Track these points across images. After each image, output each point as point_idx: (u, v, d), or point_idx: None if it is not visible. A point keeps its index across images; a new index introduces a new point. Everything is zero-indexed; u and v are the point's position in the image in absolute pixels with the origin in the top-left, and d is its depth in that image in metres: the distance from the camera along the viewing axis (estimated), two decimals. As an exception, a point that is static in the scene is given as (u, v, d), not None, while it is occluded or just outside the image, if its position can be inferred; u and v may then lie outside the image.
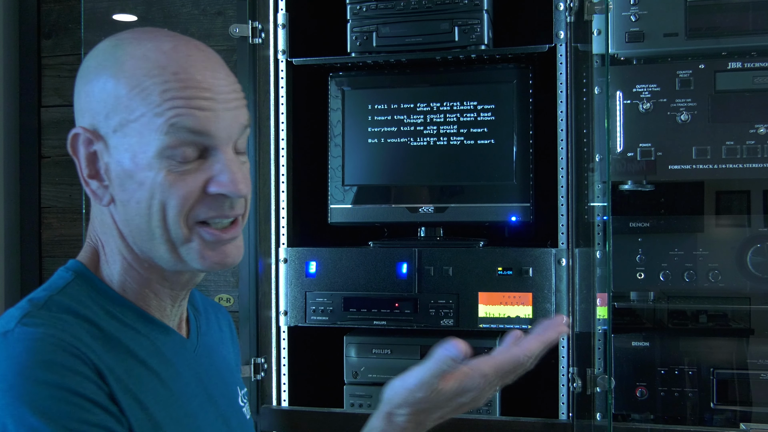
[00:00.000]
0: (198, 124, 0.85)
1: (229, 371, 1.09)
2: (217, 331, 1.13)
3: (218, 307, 1.19)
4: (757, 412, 1.53)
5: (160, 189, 0.86)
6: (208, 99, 0.86)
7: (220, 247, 0.91)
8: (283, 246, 1.68)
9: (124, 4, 1.92)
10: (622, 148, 1.52)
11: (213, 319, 1.14)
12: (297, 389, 1.71)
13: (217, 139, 0.87)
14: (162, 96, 0.84)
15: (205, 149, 0.87)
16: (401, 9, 1.63)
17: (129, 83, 0.85)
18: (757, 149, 1.48)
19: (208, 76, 0.87)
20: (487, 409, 1.61)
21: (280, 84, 1.68)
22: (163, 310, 0.96)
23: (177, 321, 1.00)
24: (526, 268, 1.55)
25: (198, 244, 0.89)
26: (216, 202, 0.88)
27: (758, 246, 1.54)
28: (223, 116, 0.87)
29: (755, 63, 1.49)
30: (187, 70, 0.86)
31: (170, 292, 0.96)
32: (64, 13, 1.99)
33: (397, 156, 1.70)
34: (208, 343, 1.06)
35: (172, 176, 0.86)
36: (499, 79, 1.65)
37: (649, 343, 1.59)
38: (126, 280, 0.93)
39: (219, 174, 0.87)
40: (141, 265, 0.92)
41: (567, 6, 1.51)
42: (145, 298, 0.94)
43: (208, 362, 1.03)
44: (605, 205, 1.49)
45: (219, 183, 0.87)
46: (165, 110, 0.84)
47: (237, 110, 0.89)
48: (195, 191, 0.87)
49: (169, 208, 0.86)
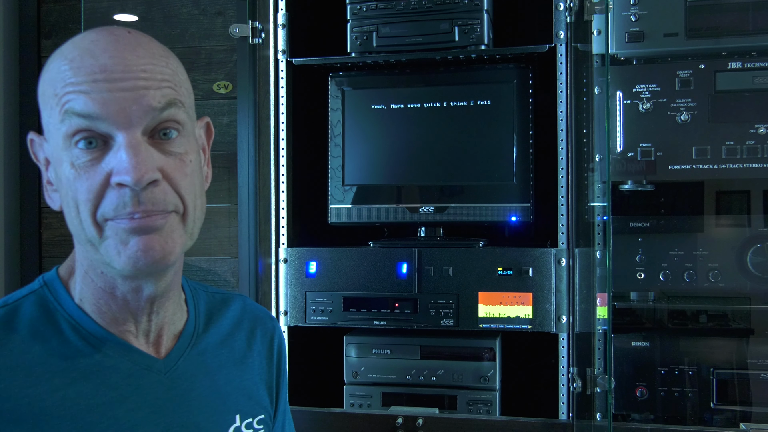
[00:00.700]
0: (85, 107, 0.79)
1: (229, 397, 0.98)
2: (243, 349, 1.03)
3: (263, 321, 1.09)
4: (757, 412, 1.53)
5: (68, 184, 0.81)
6: (97, 81, 0.79)
7: (135, 238, 0.81)
8: (283, 246, 1.68)
9: (124, 4, 1.92)
10: (622, 148, 1.52)
11: (243, 335, 1.04)
12: (297, 389, 1.71)
13: (112, 122, 0.79)
14: (60, 85, 0.81)
15: (106, 137, 0.80)
16: (401, 9, 1.63)
17: (45, 74, 0.84)
18: (757, 149, 1.48)
19: (104, 57, 0.80)
20: (487, 409, 1.61)
21: (280, 84, 1.68)
22: (122, 326, 0.89)
23: (153, 338, 0.92)
24: (526, 268, 1.55)
25: (112, 240, 0.81)
26: (119, 195, 0.80)
27: (758, 246, 1.54)
28: (118, 97, 0.79)
29: (755, 63, 1.50)
30: (83, 56, 0.81)
31: (126, 308, 0.89)
32: (64, 13, 1.99)
33: (397, 156, 1.70)
34: (205, 363, 0.96)
35: (75, 170, 0.80)
36: (499, 79, 1.65)
37: (649, 343, 1.59)
38: (83, 290, 0.88)
39: (116, 162, 0.79)
40: (94, 271, 0.87)
41: (567, 6, 1.51)
42: (101, 311, 0.88)
43: (188, 386, 0.92)
44: (605, 205, 1.49)
45: (117, 172, 0.79)
46: (60, 99, 0.80)
47: (141, 90, 0.80)
48: (98, 184, 0.80)
49: (79, 205, 0.81)
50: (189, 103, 0.89)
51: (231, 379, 0.99)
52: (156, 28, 1.90)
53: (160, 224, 0.82)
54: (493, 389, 1.62)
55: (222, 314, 1.03)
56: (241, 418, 0.98)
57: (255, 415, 1.00)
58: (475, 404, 1.62)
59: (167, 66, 0.85)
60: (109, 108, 0.79)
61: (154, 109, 0.81)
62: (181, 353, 0.94)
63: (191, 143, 0.88)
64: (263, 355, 1.06)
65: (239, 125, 1.62)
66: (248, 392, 1.01)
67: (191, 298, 1.01)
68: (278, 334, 1.11)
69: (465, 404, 1.62)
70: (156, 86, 0.82)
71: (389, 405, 1.65)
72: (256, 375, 1.04)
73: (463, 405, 1.62)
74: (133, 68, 0.81)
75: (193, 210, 0.87)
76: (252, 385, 1.02)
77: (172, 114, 0.84)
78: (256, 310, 1.09)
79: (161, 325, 0.93)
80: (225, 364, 0.99)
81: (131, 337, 0.90)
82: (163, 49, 0.87)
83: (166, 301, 0.92)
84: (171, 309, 0.94)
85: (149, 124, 0.82)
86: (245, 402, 1.00)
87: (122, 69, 0.80)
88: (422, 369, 1.65)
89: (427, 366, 1.65)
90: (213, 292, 1.07)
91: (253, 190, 1.62)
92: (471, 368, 1.62)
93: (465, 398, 1.63)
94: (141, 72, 0.81)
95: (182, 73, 0.89)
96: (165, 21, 1.89)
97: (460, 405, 1.63)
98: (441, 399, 1.64)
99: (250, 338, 1.05)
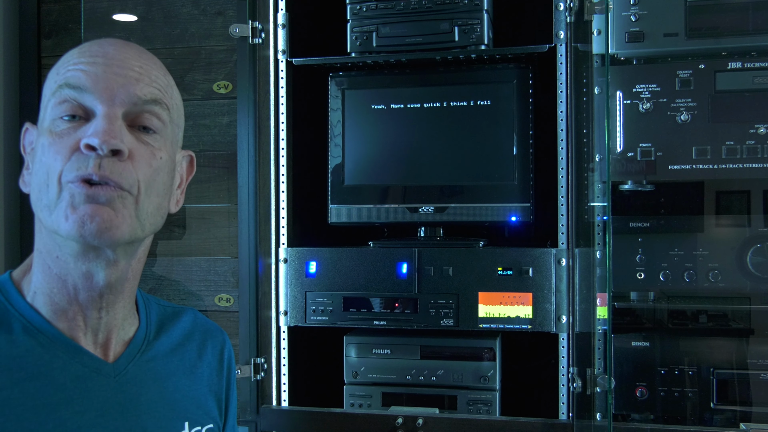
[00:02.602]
0: (77, 79, 0.86)
1: (178, 404, 1.00)
2: (193, 359, 1.05)
3: (213, 333, 1.12)
4: (757, 412, 1.53)
5: (44, 152, 0.86)
6: (95, 63, 0.87)
7: (85, 205, 0.84)
8: (283, 246, 1.68)
9: (124, 4, 1.92)
10: (622, 148, 1.52)
11: (193, 345, 1.07)
12: (297, 389, 1.71)
13: (97, 96, 0.86)
14: (63, 67, 0.89)
15: (89, 112, 0.87)
16: (401, 9, 1.63)
17: (53, 68, 0.91)
18: (757, 149, 1.48)
19: (109, 49, 0.89)
20: (487, 409, 1.61)
21: (280, 84, 1.68)
22: (71, 321, 0.91)
23: (101, 339, 0.94)
24: (526, 268, 1.55)
25: (65, 203, 0.85)
26: (84, 157, 0.85)
27: (758, 246, 1.54)
28: (108, 76, 0.87)
29: (755, 63, 1.49)
30: (91, 45, 0.90)
31: (76, 299, 0.91)
32: (64, 13, 1.99)
33: (397, 156, 1.70)
34: (154, 369, 0.98)
35: (52, 136, 0.86)
36: (499, 79, 1.65)
37: (649, 343, 1.59)
38: (39, 280, 0.91)
39: (91, 128, 0.85)
40: (50, 256, 0.90)
41: (567, 6, 1.51)
42: (53, 301, 0.90)
43: (137, 391, 0.94)
44: (605, 205, 1.49)
45: (87, 134, 0.85)
46: (60, 76, 0.88)
47: (131, 78, 0.88)
48: (70, 148, 0.85)
49: (49, 168, 0.86)
50: (175, 117, 0.95)
51: (180, 387, 1.01)
52: (156, 28, 1.90)
53: (112, 196, 0.85)
54: (493, 389, 1.62)
55: (173, 325, 1.06)
56: (190, 425, 1.00)
57: (203, 424, 1.02)
58: (475, 404, 1.62)
59: (164, 77, 0.93)
60: (98, 84, 0.86)
61: (138, 98, 0.88)
62: (130, 359, 0.96)
63: (166, 146, 0.93)
64: (213, 367, 1.09)
65: (239, 125, 1.62)
66: (197, 401, 1.03)
67: (143, 307, 1.04)
68: (228, 347, 1.13)
69: (465, 404, 1.62)
70: (146, 82, 0.90)
71: (389, 405, 1.65)
72: (205, 385, 1.06)
73: (463, 405, 1.62)
74: (131, 62, 0.89)
75: (146, 198, 0.90)
76: (201, 395, 1.04)
77: (155, 110, 0.90)
78: (207, 324, 1.12)
79: (110, 328, 0.95)
80: (175, 372, 1.01)
81: (80, 334, 0.91)
82: (163, 69, 0.96)
83: (116, 299, 0.94)
84: (121, 313, 0.96)
85: (130, 109, 0.88)
86: (194, 410, 1.02)
87: (121, 59, 0.89)
88: (422, 369, 1.65)
89: (427, 366, 1.65)
90: (165, 305, 1.09)
91: (253, 190, 1.62)
92: (471, 368, 1.62)
93: (465, 398, 1.63)
94: (137, 67, 0.90)
95: (176, 95, 0.97)
96: (165, 21, 1.89)
97: (460, 405, 1.63)
98: (441, 399, 1.64)
99: (200, 349, 1.07)
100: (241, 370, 1.60)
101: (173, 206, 0.99)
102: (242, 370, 1.60)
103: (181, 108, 0.99)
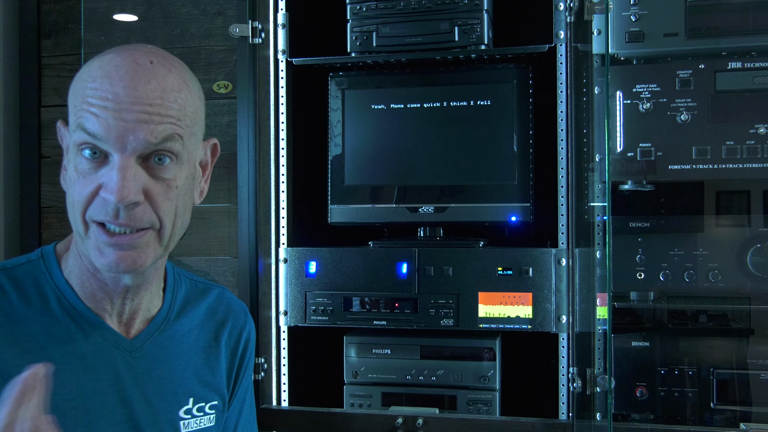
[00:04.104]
0: (92, 127, 0.91)
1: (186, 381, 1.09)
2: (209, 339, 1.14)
3: (235, 315, 1.20)
4: (757, 412, 1.53)
5: (69, 184, 0.96)
6: (107, 109, 0.91)
7: (112, 250, 0.94)
8: (283, 246, 1.68)
9: (124, 4, 1.92)
10: (622, 148, 1.52)
11: (211, 326, 1.15)
12: (297, 389, 1.71)
13: (110, 145, 0.91)
14: (81, 99, 0.93)
15: (107, 155, 0.93)
16: (401, 9, 1.63)
17: (75, 87, 0.96)
18: (757, 149, 1.48)
19: (119, 86, 0.92)
20: (487, 409, 1.61)
21: (280, 84, 1.68)
22: (99, 303, 1.02)
23: (126, 318, 1.04)
24: (526, 268, 1.55)
25: (93, 242, 0.95)
26: (105, 204, 0.93)
27: (758, 246, 1.54)
28: (120, 124, 0.91)
29: (755, 63, 1.49)
30: (103, 78, 0.92)
31: (104, 288, 1.01)
32: (64, 13, 1.99)
33: (397, 156, 1.69)
34: (170, 347, 1.08)
35: (76, 173, 0.94)
36: (499, 79, 1.65)
37: (649, 343, 1.59)
38: (73, 265, 1.02)
39: (107, 178, 0.92)
40: (82, 254, 1.00)
41: (567, 6, 1.51)
42: (84, 286, 1.01)
43: (149, 367, 1.05)
44: (605, 205, 1.49)
45: (104, 187, 0.92)
46: (77, 111, 0.93)
47: (142, 124, 0.92)
48: (90, 191, 0.93)
49: (74, 201, 0.95)
50: (192, 132, 0.99)
51: (191, 365, 1.11)
52: (156, 28, 1.90)
53: (138, 242, 0.95)
54: (493, 389, 1.62)
55: (198, 303, 1.14)
56: (194, 401, 1.10)
57: (208, 401, 1.11)
58: (475, 404, 1.62)
59: (176, 101, 0.95)
60: (111, 133, 0.91)
61: (149, 143, 0.93)
62: (148, 336, 1.06)
63: (182, 170, 0.98)
64: (230, 346, 1.17)
65: (239, 125, 1.62)
66: (205, 379, 1.12)
67: (172, 284, 1.13)
68: (249, 329, 1.22)
69: (465, 404, 1.62)
70: (158, 121, 0.93)
71: (389, 405, 1.65)
72: (217, 363, 1.14)
73: (463, 405, 1.62)
74: (141, 100, 0.92)
75: (170, 228, 0.98)
76: (211, 372, 1.13)
77: (167, 146, 0.95)
78: (233, 303, 1.21)
79: (135, 310, 1.05)
80: (188, 351, 1.10)
81: (106, 315, 1.03)
82: (179, 81, 0.97)
83: (141, 291, 1.04)
84: (147, 298, 1.07)
85: (143, 152, 0.93)
86: (201, 388, 1.11)
87: (131, 100, 0.91)
88: (422, 369, 1.65)
89: (427, 366, 1.65)
90: (196, 281, 1.19)
91: (253, 190, 1.62)
92: (471, 368, 1.62)
93: (465, 398, 1.63)
94: (147, 106, 0.92)
95: (193, 102, 0.99)
96: (165, 21, 1.89)
97: (460, 405, 1.63)
98: (441, 399, 1.64)
99: (219, 328, 1.16)
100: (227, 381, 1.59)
101: (197, 198, 1.07)
102: (242, 370, 1.60)
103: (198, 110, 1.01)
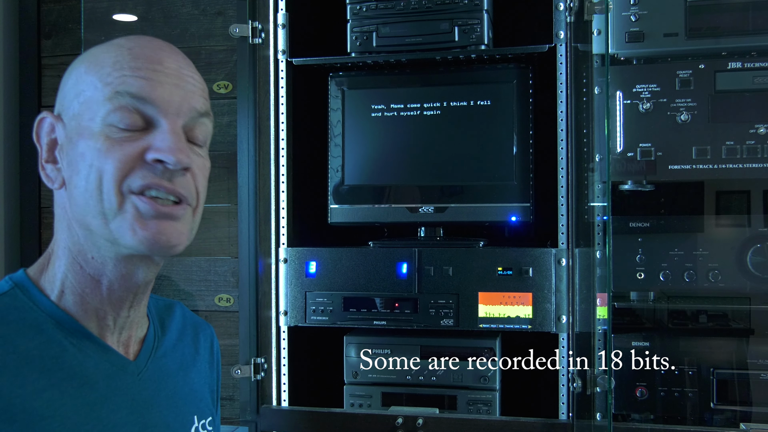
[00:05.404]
0: (141, 89, 0.86)
1: (187, 398, 1.02)
2: (192, 353, 1.07)
3: (203, 327, 1.13)
4: (757, 412, 1.53)
5: (97, 156, 0.84)
6: (156, 71, 0.87)
7: (155, 221, 0.85)
8: (283, 246, 1.68)
9: (124, 4, 1.92)
10: (622, 148, 1.52)
11: (189, 339, 1.08)
12: (297, 389, 1.71)
13: (161, 109, 0.86)
14: (113, 66, 0.87)
15: (150, 122, 0.86)
16: (401, 9, 1.63)
17: (90, 62, 0.89)
18: (757, 149, 1.48)
19: (163, 55, 0.88)
20: (487, 409, 1.61)
21: (280, 84, 1.68)
22: (102, 320, 0.91)
23: (124, 337, 0.95)
24: (526, 268, 1.55)
25: (131, 215, 0.85)
26: (153, 170, 0.85)
27: (758, 246, 1.54)
28: (170, 89, 0.87)
29: (755, 63, 1.49)
30: (142, 48, 0.88)
31: (110, 297, 0.91)
32: (64, 13, 1.99)
33: (396, 156, 1.70)
34: (166, 366, 1.00)
35: (109, 142, 0.84)
36: (499, 79, 1.65)
37: (649, 343, 1.59)
38: (68, 279, 0.90)
39: (159, 141, 0.85)
40: (84, 257, 0.89)
41: (567, 6, 1.51)
42: (84, 301, 0.90)
43: (156, 388, 0.97)
44: (605, 205, 1.49)
45: (157, 149, 0.85)
46: (113, 79, 0.86)
47: (189, 91, 0.89)
48: (132, 157, 0.84)
49: (104, 174, 0.84)
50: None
51: (187, 381, 1.04)
52: (156, 28, 1.90)
53: (181, 214, 0.88)
54: (493, 389, 1.62)
55: (171, 318, 1.08)
56: (198, 418, 1.03)
57: (206, 417, 1.05)
58: (475, 404, 1.62)
59: (203, 82, 0.95)
60: (163, 97, 0.86)
61: (196, 112, 0.90)
62: (147, 356, 0.98)
63: (207, 153, 0.96)
64: (206, 360, 1.11)
65: (239, 125, 1.62)
66: (200, 394, 1.06)
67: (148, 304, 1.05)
68: (216, 340, 1.16)
69: (465, 404, 1.62)
70: (200, 94, 0.92)
71: (389, 405, 1.65)
72: (202, 378, 1.09)
73: (463, 405, 1.62)
74: (183, 73, 0.90)
75: (200, 208, 0.93)
76: (199, 388, 1.07)
77: (206, 121, 0.93)
78: (194, 317, 1.15)
79: (132, 326, 0.96)
80: (180, 367, 1.04)
81: (108, 333, 0.92)
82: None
83: (144, 296, 0.96)
84: (143, 309, 0.98)
85: (188, 122, 0.90)
86: (197, 404, 1.05)
87: (176, 69, 0.89)
88: (422, 369, 1.65)
89: (427, 366, 1.65)
90: (157, 299, 1.10)
91: (253, 190, 1.62)
92: (471, 368, 1.62)
93: (465, 398, 1.63)
94: (189, 78, 0.90)
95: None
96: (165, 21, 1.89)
97: (460, 405, 1.63)
98: (441, 399, 1.64)
99: (195, 343, 1.10)
100: (241, 370, 1.60)
101: None
102: (242, 370, 1.60)
103: None
